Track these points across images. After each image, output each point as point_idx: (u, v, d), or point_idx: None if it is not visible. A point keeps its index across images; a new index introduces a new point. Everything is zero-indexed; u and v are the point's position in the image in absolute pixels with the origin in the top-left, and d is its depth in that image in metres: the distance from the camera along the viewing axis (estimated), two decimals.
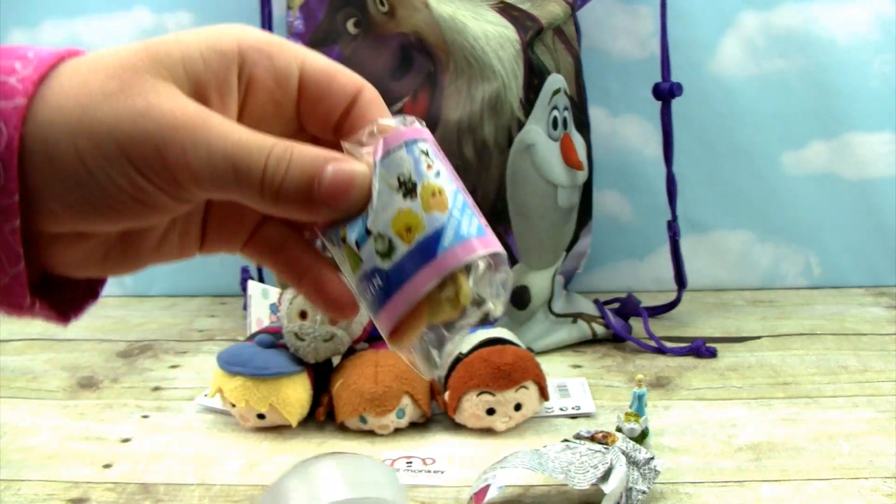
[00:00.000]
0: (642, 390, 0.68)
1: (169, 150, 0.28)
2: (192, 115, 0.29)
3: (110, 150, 0.28)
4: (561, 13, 0.87)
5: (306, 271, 0.34)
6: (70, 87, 0.29)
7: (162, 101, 0.29)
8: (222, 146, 0.29)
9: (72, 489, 0.64)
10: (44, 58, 0.29)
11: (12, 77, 0.29)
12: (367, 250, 0.30)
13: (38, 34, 1.02)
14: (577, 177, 0.88)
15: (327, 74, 0.32)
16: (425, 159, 0.30)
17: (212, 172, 0.29)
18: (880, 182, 1.04)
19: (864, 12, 1.00)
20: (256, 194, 0.30)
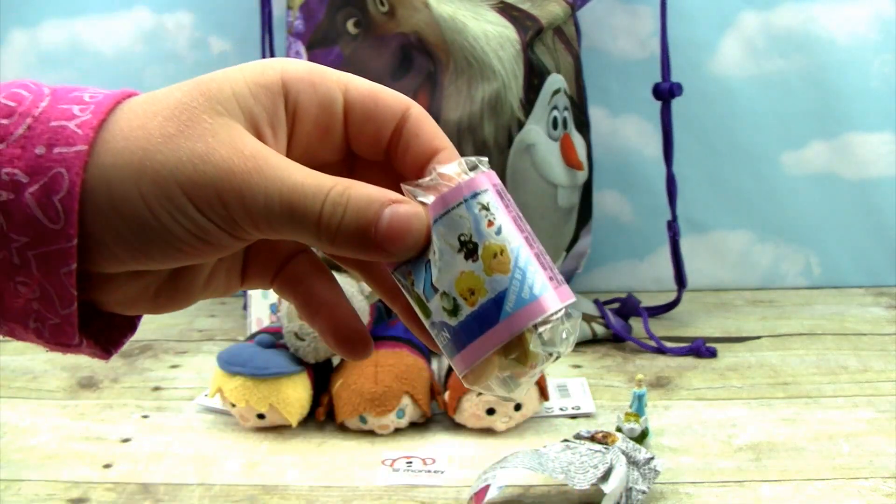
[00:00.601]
0: (642, 390, 0.68)
1: (227, 194, 0.29)
2: (249, 159, 0.29)
3: (173, 193, 0.29)
4: (561, 13, 0.87)
5: (322, 308, 0.34)
6: (130, 129, 0.30)
7: (220, 144, 0.30)
8: (278, 190, 0.29)
9: (72, 489, 0.64)
10: (101, 102, 0.30)
11: (71, 122, 0.29)
12: (435, 305, 0.30)
13: (38, 34, 1.02)
14: (577, 177, 0.88)
15: (372, 96, 0.33)
16: (486, 215, 0.30)
17: (268, 216, 0.29)
18: (880, 182, 1.04)
19: (864, 12, 1.00)
20: (313, 236, 0.30)
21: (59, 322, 0.31)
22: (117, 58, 1.03)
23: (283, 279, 0.35)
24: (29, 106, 0.30)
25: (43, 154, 0.29)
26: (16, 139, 0.29)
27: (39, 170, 0.29)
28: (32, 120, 0.29)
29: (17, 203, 0.29)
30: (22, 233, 0.29)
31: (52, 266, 0.29)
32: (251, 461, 0.67)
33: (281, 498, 0.62)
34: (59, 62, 1.03)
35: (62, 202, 0.29)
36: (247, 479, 0.65)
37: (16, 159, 0.29)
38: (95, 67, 1.03)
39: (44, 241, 0.29)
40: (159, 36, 1.03)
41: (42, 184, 0.29)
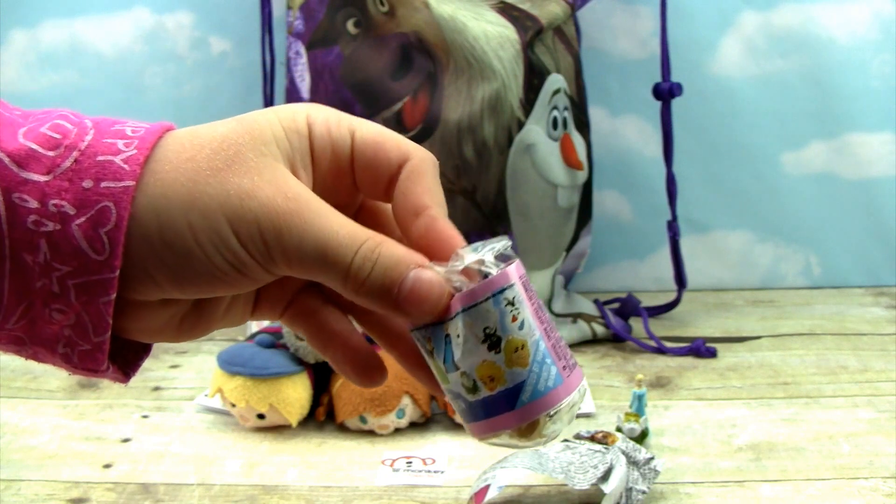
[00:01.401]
0: (642, 390, 0.68)
1: (268, 232, 0.31)
2: (291, 200, 0.31)
3: (220, 226, 0.31)
4: (561, 13, 0.87)
5: (334, 338, 0.36)
6: (178, 161, 0.31)
7: (265, 183, 0.31)
8: (315, 235, 0.31)
9: (72, 489, 0.64)
10: (143, 137, 0.31)
11: (117, 157, 0.30)
12: (454, 378, 0.33)
13: (38, 34, 1.02)
14: (576, 177, 0.88)
15: (375, 142, 0.34)
16: (511, 310, 0.32)
17: (302, 258, 0.31)
18: (880, 182, 1.04)
19: (864, 12, 1.00)
20: (340, 284, 0.32)
21: (89, 349, 0.32)
22: (117, 58, 1.03)
23: (293, 311, 0.37)
24: (75, 139, 0.31)
25: (90, 188, 0.30)
26: (63, 172, 0.30)
27: (87, 203, 0.30)
28: (79, 153, 0.30)
29: (64, 234, 0.30)
30: (65, 262, 0.30)
31: (92, 295, 0.30)
32: (251, 461, 0.67)
33: (281, 498, 0.62)
34: (59, 62, 1.03)
35: (108, 234, 0.30)
36: (247, 479, 0.65)
37: (63, 192, 0.30)
38: (95, 67, 1.03)
39: (87, 271, 0.30)
40: (159, 36, 1.03)
41: (89, 216, 0.30)
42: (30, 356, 0.33)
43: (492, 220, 0.84)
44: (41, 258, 0.30)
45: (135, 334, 0.34)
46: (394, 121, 0.82)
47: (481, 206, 0.83)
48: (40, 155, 0.30)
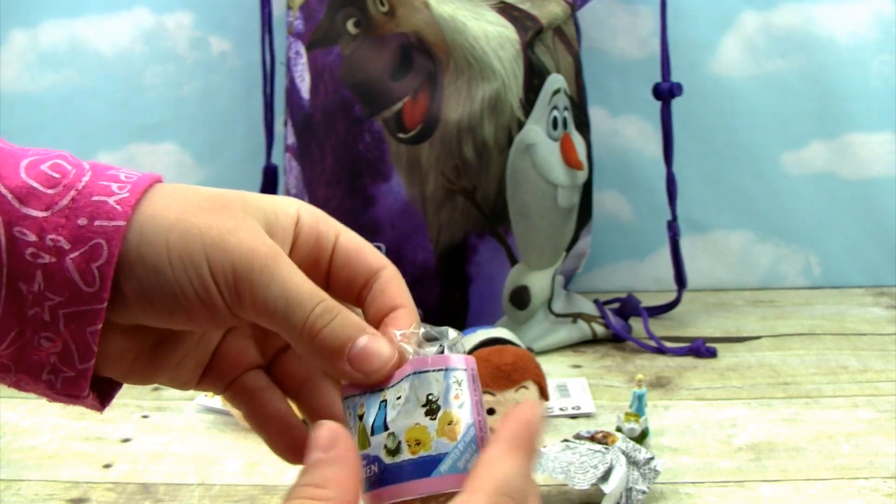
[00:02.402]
0: (642, 390, 0.68)
1: (240, 269, 0.33)
2: (268, 247, 0.34)
3: (195, 251, 0.33)
4: (561, 13, 0.87)
5: (270, 418, 0.38)
6: (171, 199, 0.34)
7: (246, 230, 0.34)
8: (282, 282, 0.33)
9: (72, 489, 0.64)
10: (136, 182, 0.34)
11: (111, 199, 0.33)
12: (378, 440, 0.34)
13: (38, 34, 1.02)
14: (577, 177, 0.88)
15: (357, 247, 0.37)
16: (456, 389, 0.34)
17: (266, 301, 0.33)
18: (880, 182, 1.04)
19: (864, 12, 1.00)
20: (297, 333, 0.34)
21: (73, 375, 0.34)
22: (117, 58, 1.03)
23: (236, 388, 0.38)
24: (73, 179, 0.33)
25: (85, 225, 0.32)
26: (60, 209, 0.32)
27: (81, 239, 0.32)
28: (76, 193, 0.33)
29: (59, 266, 0.32)
30: (57, 293, 0.32)
31: (80, 324, 0.33)
32: (251, 461, 0.67)
33: (281, 498, 0.62)
34: (59, 62, 1.03)
35: (100, 269, 0.32)
36: (247, 479, 0.65)
37: (60, 227, 0.32)
38: (95, 67, 1.03)
39: (77, 301, 0.32)
40: (159, 36, 1.03)
41: (83, 251, 0.32)
42: (12, 384, 0.35)
43: (492, 220, 0.84)
44: (35, 288, 0.32)
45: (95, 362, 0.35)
46: (394, 121, 0.82)
47: (481, 206, 0.83)
48: (40, 193, 0.32)
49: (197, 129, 1.04)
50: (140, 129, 1.04)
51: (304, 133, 0.86)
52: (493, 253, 0.85)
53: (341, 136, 0.83)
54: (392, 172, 0.83)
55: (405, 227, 0.83)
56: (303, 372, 0.38)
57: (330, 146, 0.84)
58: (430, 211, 0.83)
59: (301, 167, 0.87)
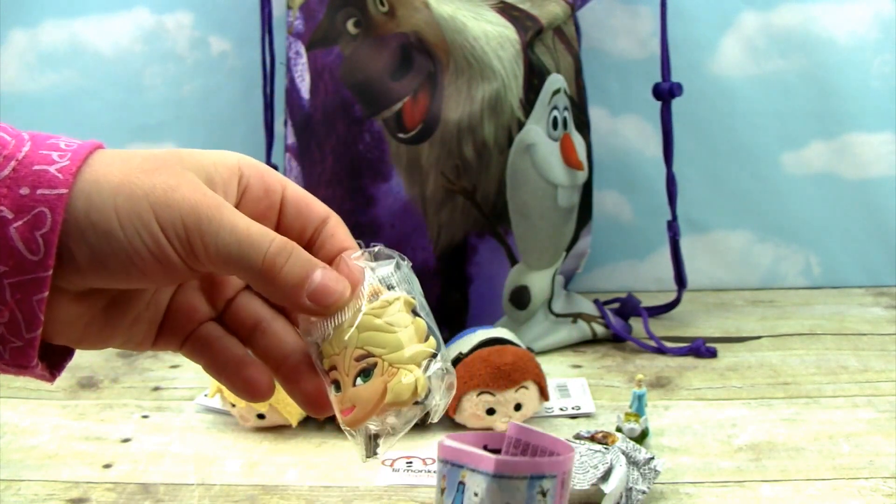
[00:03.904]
0: (642, 390, 0.68)
1: (189, 221, 0.34)
2: (211, 198, 0.35)
3: (143, 211, 0.33)
4: (561, 13, 0.87)
5: (228, 363, 0.39)
6: (112, 164, 0.34)
7: (187, 184, 0.35)
8: (231, 228, 0.34)
9: (72, 489, 0.64)
10: (76, 151, 0.34)
11: (52, 167, 0.33)
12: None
13: (38, 34, 1.02)
14: (577, 177, 0.88)
15: (304, 197, 0.39)
16: (540, 501, 0.35)
17: (218, 248, 0.34)
18: (880, 182, 1.04)
19: (864, 12, 1.00)
20: (255, 275, 0.35)
21: (21, 345, 0.34)
22: (117, 58, 1.03)
23: (192, 342, 0.39)
24: (13, 150, 0.33)
25: (27, 194, 0.33)
26: (1, 179, 0.33)
27: (24, 208, 0.32)
28: (17, 163, 0.33)
29: (2, 236, 0.32)
30: (1, 262, 0.32)
31: (26, 293, 0.33)
32: (251, 461, 0.67)
33: (281, 498, 0.62)
34: (59, 62, 1.03)
35: (44, 237, 0.32)
36: (247, 479, 0.65)
37: (2, 197, 0.32)
38: (95, 67, 1.03)
39: (22, 270, 0.33)
40: (159, 36, 1.03)
41: (26, 220, 0.32)
42: None
43: (492, 220, 0.84)
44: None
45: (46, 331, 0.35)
46: (394, 121, 0.82)
47: (481, 206, 0.83)
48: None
49: (197, 129, 1.04)
50: (140, 129, 1.04)
51: (304, 133, 0.86)
52: (493, 253, 0.85)
53: (341, 136, 0.83)
54: (392, 172, 0.83)
55: (405, 227, 0.83)
56: (252, 317, 0.39)
57: (330, 146, 0.84)
58: (430, 211, 0.83)
59: (301, 167, 0.87)
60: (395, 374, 0.34)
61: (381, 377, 0.34)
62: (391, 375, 0.34)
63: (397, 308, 0.35)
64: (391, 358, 0.34)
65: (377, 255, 0.38)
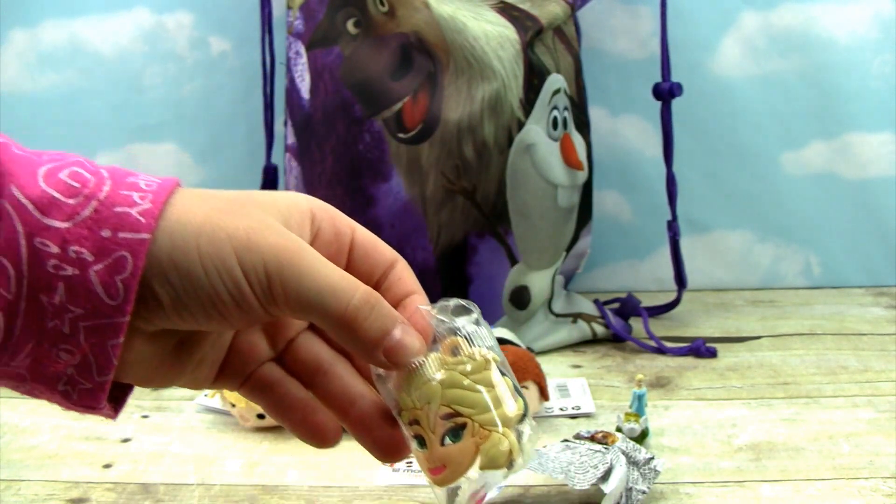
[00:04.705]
0: (642, 390, 0.68)
1: (271, 266, 0.33)
2: (292, 241, 0.34)
3: (226, 254, 0.33)
4: (561, 13, 0.87)
5: (293, 407, 0.39)
6: (193, 204, 0.34)
7: (268, 228, 0.34)
8: (313, 275, 0.34)
9: (72, 489, 0.64)
10: (157, 192, 0.34)
11: (134, 210, 0.33)
12: None
13: (38, 34, 1.02)
14: (577, 177, 0.88)
15: (373, 241, 0.39)
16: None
17: (300, 294, 0.34)
18: (880, 182, 1.04)
19: (864, 12, 1.00)
20: (335, 323, 0.35)
21: (91, 388, 0.34)
22: (117, 58, 1.03)
23: (253, 383, 0.39)
24: (93, 189, 0.33)
25: (109, 237, 0.32)
26: (82, 220, 0.32)
27: (105, 251, 0.32)
28: (98, 203, 0.32)
29: (82, 278, 0.32)
30: (79, 305, 0.32)
31: (101, 337, 0.32)
32: (251, 461, 0.67)
33: (281, 498, 0.62)
34: (59, 62, 1.03)
35: (124, 281, 0.32)
36: (247, 479, 0.65)
37: (83, 239, 0.32)
38: (95, 67, 1.03)
39: (99, 314, 0.32)
40: (159, 36, 1.03)
41: (106, 264, 0.32)
42: (26, 391, 0.35)
43: (492, 220, 0.84)
44: (56, 300, 0.32)
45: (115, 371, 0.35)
46: (394, 121, 0.82)
47: (481, 206, 0.83)
48: (61, 203, 0.32)
49: (197, 129, 1.04)
50: (140, 129, 1.04)
51: (304, 133, 0.86)
52: (493, 253, 0.85)
53: (341, 136, 0.83)
54: (392, 172, 0.83)
55: (405, 227, 0.83)
56: (313, 359, 0.39)
57: (330, 146, 0.84)
58: (430, 211, 0.83)
59: (301, 167, 0.87)
60: (488, 436, 0.34)
61: (473, 438, 0.34)
62: (483, 438, 0.34)
63: (484, 366, 0.35)
64: (482, 419, 0.34)
65: (453, 308, 0.37)
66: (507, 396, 0.35)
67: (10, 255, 0.31)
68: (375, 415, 0.38)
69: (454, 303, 0.37)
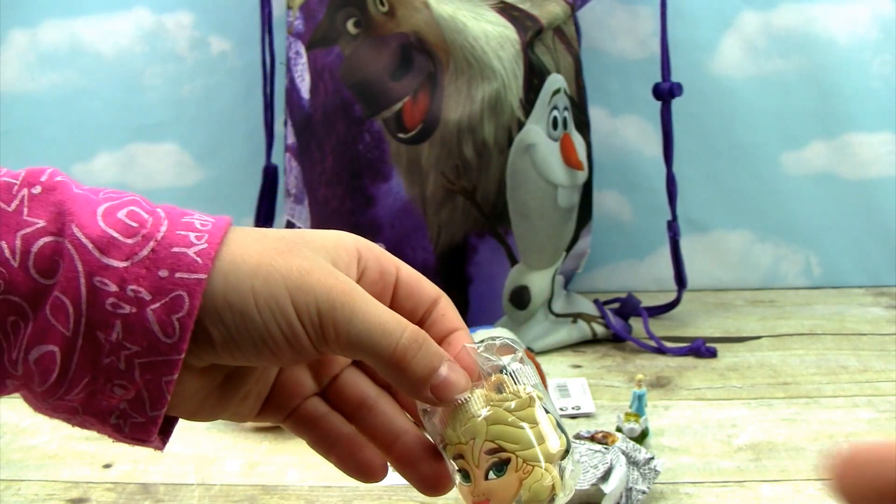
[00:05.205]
0: (642, 390, 0.68)
1: (323, 306, 0.34)
2: (344, 283, 0.35)
3: (280, 294, 0.34)
4: (561, 13, 0.87)
5: (339, 441, 0.39)
6: (246, 244, 0.35)
7: (320, 268, 0.35)
8: (364, 314, 0.35)
9: (72, 489, 0.64)
10: (212, 232, 0.34)
11: (190, 250, 0.33)
12: None
13: (38, 34, 1.02)
14: (577, 177, 0.88)
15: (417, 279, 0.39)
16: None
17: (350, 334, 0.34)
18: (880, 182, 1.04)
19: (864, 12, 1.00)
20: (384, 362, 0.35)
21: (143, 422, 0.35)
22: (117, 58, 1.03)
23: (297, 417, 0.39)
24: (151, 229, 0.34)
25: (166, 277, 0.33)
26: (140, 260, 0.33)
27: (162, 290, 0.33)
28: (155, 244, 0.33)
29: (139, 317, 0.32)
30: (135, 342, 0.33)
31: (156, 374, 0.33)
32: (251, 461, 0.67)
33: (281, 498, 0.62)
34: (59, 62, 1.03)
35: (180, 321, 0.33)
36: (247, 479, 0.65)
37: (140, 278, 0.33)
38: (95, 67, 1.03)
39: (155, 351, 0.33)
40: (159, 36, 1.03)
41: (164, 303, 0.33)
42: (78, 423, 0.36)
43: (492, 220, 0.84)
44: (114, 337, 0.32)
45: None
46: (394, 121, 0.82)
47: (481, 206, 0.83)
48: (119, 242, 0.33)
49: (197, 129, 1.04)
50: (140, 129, 1.04)
51: (304, 133, 0.86)
52: (493, 253, 0.85)
53: (341, 136, 0.83)
54: (392, 172, 0.83)
55: (405, 227, 0.83)
56: (357, 394, 0.40)
57: (330, 146, 0.84)
58: (430, 211, 0.83)
59: (301, 167, 0.87)
60: (531, 472, 0.35)
61: (516, 473, 0.35)
62: (526, 473, 0.35)
63: (528, 403, 0.36)
64: (525, 455, 0.35)
65: (498, 346, 0.38)
66: (551, 433, 0.36)
67: (69, 293, 0.32)
68: (420, 450, 0.39)
69: (500, 341, 0.38)
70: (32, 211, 0.33)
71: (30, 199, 0.33)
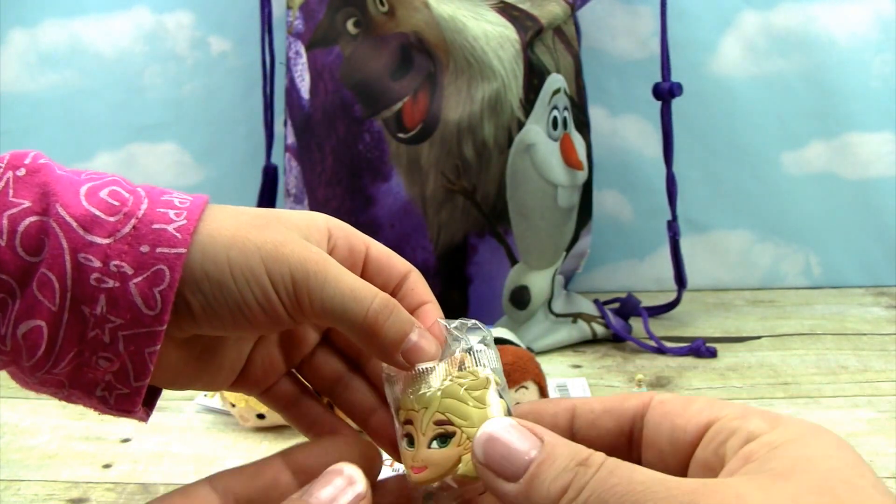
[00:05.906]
0: (642, 390, 0.68)
1: (297, 275, 0.36)
2: (317, 254, 0.37)
3: (255, 264, 0.35)
4: (561, 13, 0.87)
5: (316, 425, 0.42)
6: (223, 219, 0.36)
7: (294, 241, 0.37)
8: (336, 283, 0.36)
9: (72, 489, 0.64)
10: (191, 208, 0.36)
11: (170, 226, 0.35)
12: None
13: (38, 34, 1.02)
14: (577, 177, 0.88)
15: (386, 255, 0.41)
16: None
17: (324, 301, 0.36)
18: (880, 182, 1.04)
19: (864, 12, 1.00)
20: (357, 328, 0.37)
21: (128, 392, 0.36)
22: (117, 58, 1.03)
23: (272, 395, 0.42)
24: (132, 207, 0.35)
25: (147, 252, 0.34)
26: (122, 236, 0.34)
27: (144, 265, 0.34)
28: (137, 221, 0.35)
29: (122, 290, 0.34)
30: (119, 315, 0.34)
31: (139, 345, 0.35)
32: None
33: None
34: (59, 62, 1.03)
35: (161, 293, 0.34)
36: None
37: (123, 254, 0.34)
38: (95, 67, 1.03)
39: (138, 324, 0.34)
40: (159, 36, 1.03)
41: (146, 277, 0.34)
42: (64, 397, 0.37)
43: (492, 220, 0.84)
44: (98, 311, 0.34)
45: None
46: (394, 121, 0.82)
47: (481, 206, 0.83)
48: (102, 220, 0.34)
49: (197, 129, 1.04)
50: (140, 129, 1.04)
51: (304, 133, 0.86)
52: (492, 253, 0.85)
53: (341, 136, 0.83)
54: (392, 172, 0.83)
55: (405, 227, 0.83)
56: (331, 371, 0.42)
57: (330, 146, 0.84)
58: (429, 211, 0.83)
59: (301, 167, 0.87)
60: (471, 449, 0.35)
61: (458, 447, 0.36)
62: (467, 449, 0.36)
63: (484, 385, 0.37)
64: (470, 433, 0.36)
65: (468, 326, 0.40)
66: (496, 416, 0.36)
67: (55, 269, 0.33)
68: (391, 421, 0.40)
69: (471, 322, 0.40)
70: (18, 192, 0.34)
71: (15, 182, 0.34)
